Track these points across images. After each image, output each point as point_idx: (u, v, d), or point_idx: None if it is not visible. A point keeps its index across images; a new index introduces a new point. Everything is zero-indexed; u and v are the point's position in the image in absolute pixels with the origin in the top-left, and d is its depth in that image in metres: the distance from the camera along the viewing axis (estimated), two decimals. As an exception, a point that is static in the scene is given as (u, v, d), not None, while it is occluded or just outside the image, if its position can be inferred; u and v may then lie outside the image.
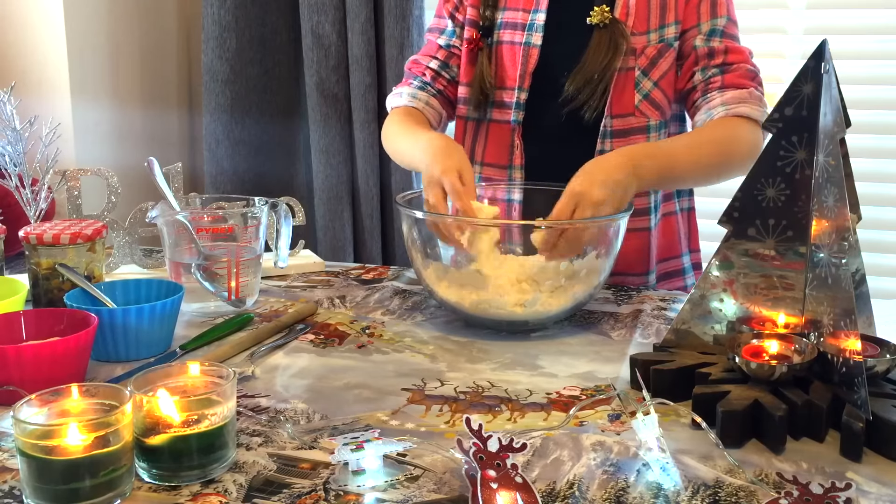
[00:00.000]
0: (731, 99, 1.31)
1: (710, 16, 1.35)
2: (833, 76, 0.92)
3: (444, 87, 1.48)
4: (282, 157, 2.17)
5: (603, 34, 1.33)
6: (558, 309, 1.14)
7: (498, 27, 1.42)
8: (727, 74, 1.33)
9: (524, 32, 1.39)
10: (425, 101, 1.46)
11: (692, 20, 1.35)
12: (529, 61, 1.38)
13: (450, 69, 1.48)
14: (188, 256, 1.21)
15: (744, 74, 1.33)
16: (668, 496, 0.75)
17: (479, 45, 1.43)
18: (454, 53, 1.48)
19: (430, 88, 1.47)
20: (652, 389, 0.90)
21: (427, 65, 1.48)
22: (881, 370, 0.90)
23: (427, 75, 1.48)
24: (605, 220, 1.14)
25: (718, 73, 1.34)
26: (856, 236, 0.92)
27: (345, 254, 2.09)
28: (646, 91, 1.36)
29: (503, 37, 1.42)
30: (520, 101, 1.40)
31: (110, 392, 0.76)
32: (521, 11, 1.41)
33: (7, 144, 1.31)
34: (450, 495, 0.75)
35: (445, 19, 1.48)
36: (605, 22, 1.33)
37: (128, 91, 2.00)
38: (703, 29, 1.35)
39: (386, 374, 1.02)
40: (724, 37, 1.35)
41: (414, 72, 1.50)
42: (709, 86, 1.34)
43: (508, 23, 1.42)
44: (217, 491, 0.75)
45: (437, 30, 1.50)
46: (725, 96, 1.32)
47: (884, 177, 1.97)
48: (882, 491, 0.76)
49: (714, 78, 1.34)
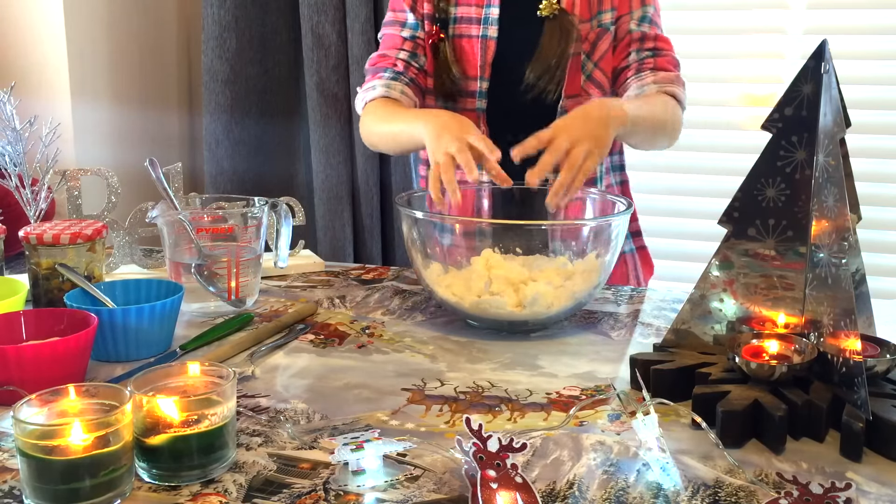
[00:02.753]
0: (663, 79, 1.44)
1: (641, 4, 1.48)
2: (833, 76, 0.92)
3: (415, 75, 1.51)
4: (282, 157, 2.17)
5: (553, 25, 1.44)
6: (558, 309, 1.14)
7: (453, 22, 1.48)
8: (658, 58, 1.47)
9: (480, 26, 1.46)
10: (400, 90, 1.47)
11: (625, 7, 1.48)
12: (488, 52, 1.46)
13: (418, 58, 1.51)
14: (188, 256, 1.21)
15: (671, 61, 1.48)
16: (668, 496, 0.75)
17: (441, 37, 1.48)
18: (419, 44, 1.51)
19: (403, 77, 1.49)
20: (652, 389, 0.90)
21: (396, 56, 1.50)
22: (881, 370, 0.90)
23: (399, 65, 1.49)
24: (605, 220, 1.14)
25: (651, 56, 1.47)
26: (856, 236, 0.92)
27: (345, 254, 2.09)
28: (588, 72, 1.47)
29: (460, 30, 1.48)
30: (482, 89, 1.48)
31: (110, 392, 0.76)
32: (473, 7, 1.48)
33: (7, 144, 1.31)
34: (450, 495, 0.75)
35: (406, 13, 1.51)
36: (554, 13, 1.43)
37: (128, 91, 2.00)
38: (634, 15, 1.47)
39: (386, 374, 1.02)
40: (651, 24, 1.48)
41: (382, 65, 1.50)
42: (642, 65, 1.46)
43: (463, 17, 1.48)
44: (217, 491, 0.75)
45: (398, 23, 1.52)
46: (657, 76, 1.45)
47: (884, 177, 1.97)
48: (882, 491, 0.76)
49: (647, 59, 1.47)
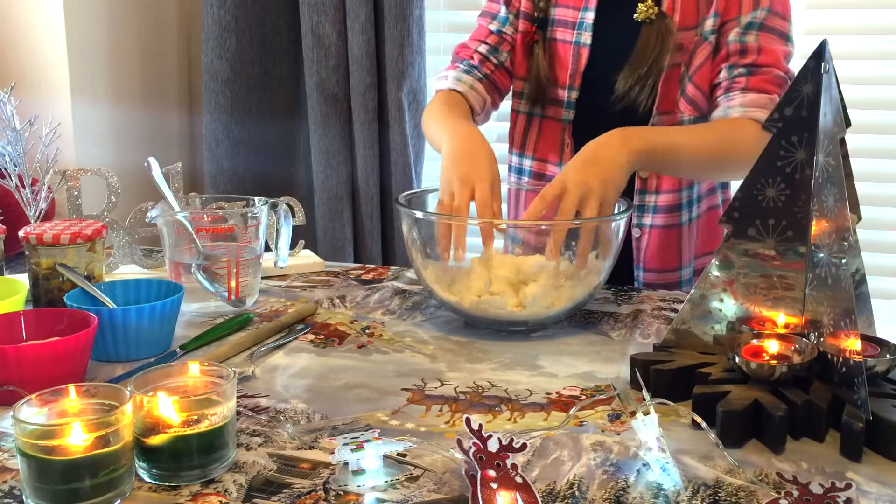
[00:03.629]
0: (751, 102, 1.29)
1: (752, 7, 1.31)
2: (833, 76, 0.92)
3: (491, 71, 1.46)
4: (282, 157, 2.17)
5: (650, 30, 1.33)
6: (558, 309, 1.14)
7: (551, 23, 1.42)
8: (753, 77, 1.30)
9: (574, 31, 1.40)
10: (470, 84, 1.43)
11: (733, 11, 1.32)
12: (580, 61, 1.39)
13: (499, 54, 1.46)
14: (188, 256, 1.21)
15: (771, 80, 1.30)
16: (668, 496, 0.75)
17: (535, 38, 1.42)
18: (505, 39, 1.46)
19: (477, 72, 1.45)
20: (652, 389, 0.90)
21: (476, 49, 1.47)
22: (881, 370, 0.90)
23: (475, 59, 1.46)
24: (607, 219, 1.14)
25: (745, 74, 1.31)
26: (856, 236, 0.92)
27: (345, 254, 2.09)
28: (684, 87, 1.36)
29: (556, 34, 1.42)
30: (570, 99, 1.41)
31: (110, 392, 0.76)
32: (571, 9, 1.41)
33: (7, 144, 1.31)
34: (450, 495, 0.75)
35: (500, 4, 1.46)
36: (652, 17, 1.33)
37: (128, 91, 2.00)
38: (741, 21, 1.31)
39: (386, 374, 1.02)
40: (761, 30, 1.31)
41: (461, 55, 1.48)
42: (733, 84, 1.31)
43: (560, 20, 1.42)
44: (217, 491, 0.75)
45: (490, 14, 1.48)
46: (746, 98, 1.29)
47: (884, 177, 1.97)
48: (882, 491, 0.76)
49: (739, 78, 1.31)
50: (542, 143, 1.47)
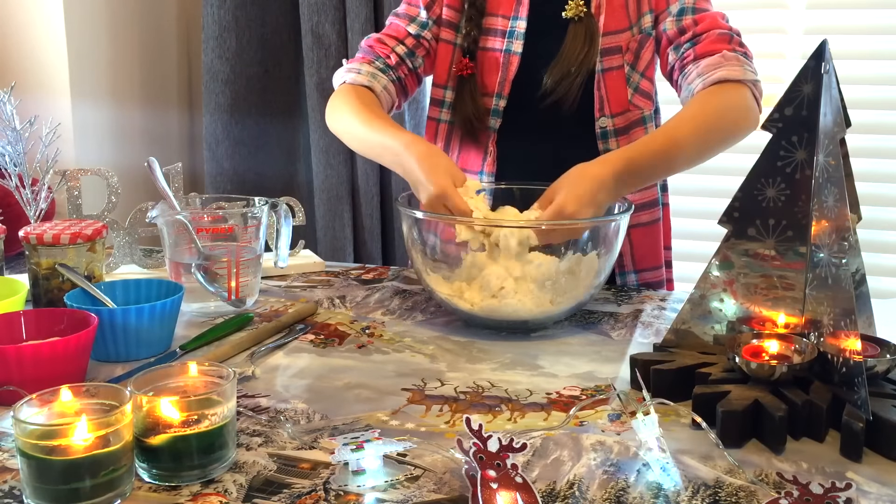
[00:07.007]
0: (706, 68, 1.28)
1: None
2: (833, 76, 0.92)
3: (405, 75, 1.43)
4: (282, 157, 2.17)
5: (578, 27, 1.33)
6: (558, 309, 1.14)
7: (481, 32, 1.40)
8: (698, 45, 1.31)
9: (504, 39, 1.38)
10: (384, 84, 1.39)
11: (662, 4, 1.35)
12: (510, 69, 1.37)
13: (415, 59, 1.43)
14: (188, 256, 1.21)
15: (715, 39, 1.30)
16: (668, 496, 0.75)
17: (470, 71, 1.40)
18: (422, 45, 1.43)
19: (392, 73, 1.41)
20: (652, 389, 0.90)
21: (393, 48, 1.42)
22: (881, 370, 0.90)
23: (392, 59, 1.41)
24: (605, 220, 1.14)
25: (690, 47, 1.31)
26: (856, 236, 0.92)
27: (345, 254, 2.09)
28: (636, 84, 1.37)
29: (484, 43, 1.40)
30: (498, 108, 1.39)
31: (110, 392, 0.76)
32: (500, 17, 1.39)
33: (7, 144, 1.31)
34: (450, 495, 0.75)
35: (420, 8, 1.42)
36: (580, 15, 1.33)
37: (128, 91, 2.00)
38: (672, 10, 1.34)
39: (386, 374, 1.02)
40: (694, 13, 1.33)
41: (377, 51, 1.42)
42: (683, 62, 1.32)
43: (489, 29, 1.40)
44: (217, 491, 0.75)
45: (408, 17, 1.43)
46: (700, 67, 1.29)
47: (884, 177, 1.97)
48: (882, 491, 0.76)
49: (686, 52, 1.32)
50: (464, 152, 1.45)
